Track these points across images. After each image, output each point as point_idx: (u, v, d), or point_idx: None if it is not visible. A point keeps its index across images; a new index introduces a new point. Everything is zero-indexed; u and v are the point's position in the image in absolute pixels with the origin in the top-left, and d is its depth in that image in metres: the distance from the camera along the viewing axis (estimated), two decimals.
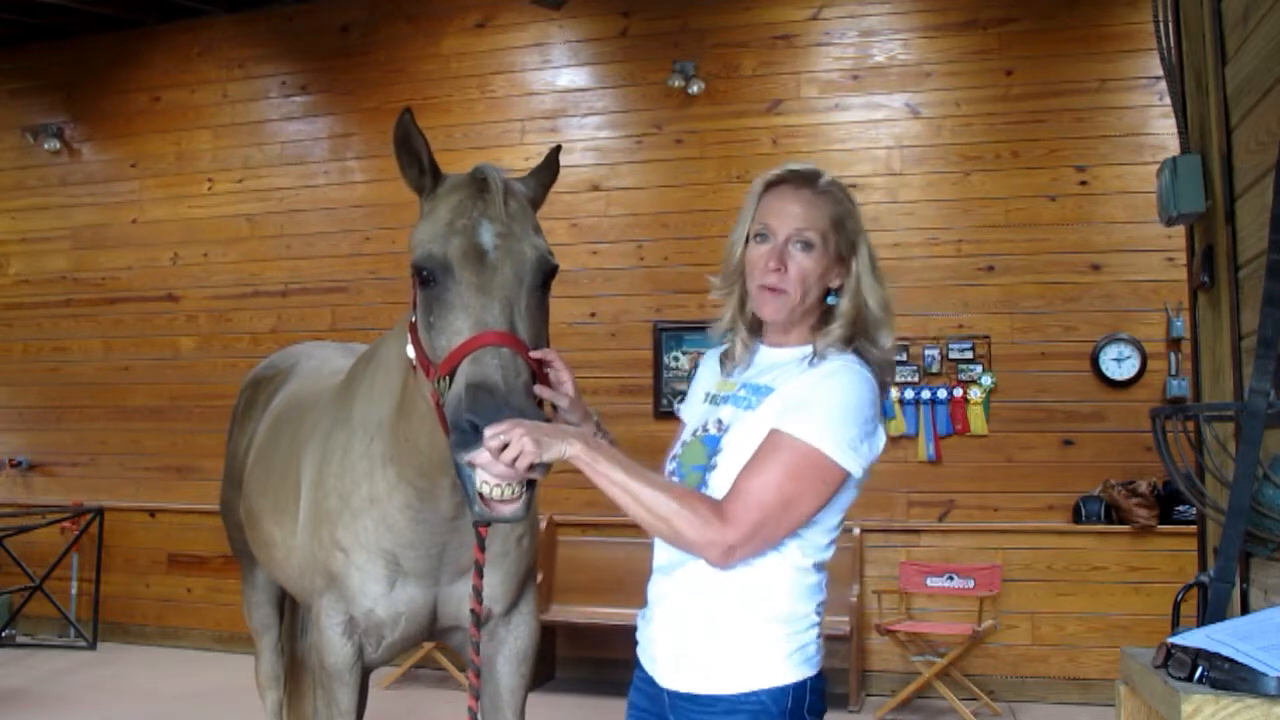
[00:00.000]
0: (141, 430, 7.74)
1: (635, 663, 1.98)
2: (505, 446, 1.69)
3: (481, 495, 1.82)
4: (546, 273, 2.07)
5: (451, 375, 1.90)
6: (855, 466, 1.74)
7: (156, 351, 7.76)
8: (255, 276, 7.58)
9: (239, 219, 7.66)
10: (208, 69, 7.87)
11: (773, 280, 1.81)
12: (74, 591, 7.50)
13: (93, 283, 7.98)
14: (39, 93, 8.23)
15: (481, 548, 2.09)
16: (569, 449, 1.71)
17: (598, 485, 1.74)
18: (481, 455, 1.76)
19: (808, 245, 1.81)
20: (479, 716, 2.18)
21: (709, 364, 2.04)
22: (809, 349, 1.84)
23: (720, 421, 1.88)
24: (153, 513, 7.58)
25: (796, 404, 1.76)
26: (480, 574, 2.10)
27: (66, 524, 7.42)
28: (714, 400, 1.94)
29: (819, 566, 1.83)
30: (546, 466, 1.75)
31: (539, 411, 1.86)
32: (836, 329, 1.83)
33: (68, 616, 7.42)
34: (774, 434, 1.75)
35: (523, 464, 1.69)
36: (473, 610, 2.11)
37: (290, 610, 3.93)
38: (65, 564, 7.41)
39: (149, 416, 7.72)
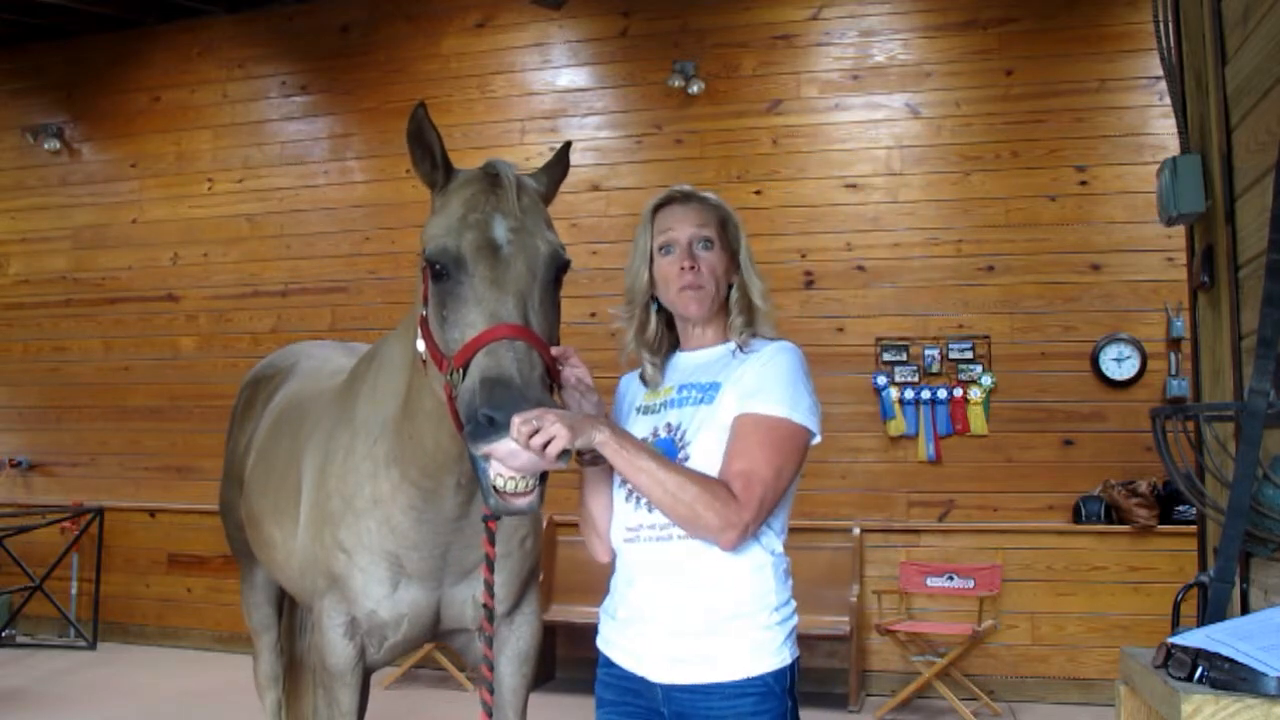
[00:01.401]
0: (141, 430, 7.74)
1: (600, 660, 2.02)
2: (535, 433, 1.72)
3: (496, 488, 1.84)
4: (559, 267, 2.08)
5: (465, 368, 1.90)
6: (816, 426, 1.93)
7: (156, 351, 7.76)
8: (255, 276, 7.58)
9: (239, 219, 7.66)
10: (208, 69, 7.87)
11: (689, 279, 1.97)
12: (74, 591, 7.50)
13: (93, 283, 7.98)
14: (39, 93, 8.23)
15: (491, 541, 2.10)
16: (599, 434, 1.79)
17: (622, 471, 1.84)
18: (500, 447, 1.77)
19: (708, 242, 2.00)
20: (491, 711, 2.19)
21: (630, 386, 2.15)
22: (732, 344, 2.00)
23: (670, 424, 1.97)
24: (153, 513, 7.58)
25: (753, 389, 1.90)
26: (491, 568, 2.11)
27: (66, 524, 7.42)
28: (649, 410, 2.03)
29: (785, 552, 1.96)
30: (569, 455, 1.78)
31: (555, 403, 1.87)
32: (738, 319, 2.00)
33: (68, 616, 7.42)
34: (744, 419, 1.88)
35: (554, 449, 1.72)
36: (485, 605, 2.12)
37: (289, 610, 3.92)
38: (65, 564, 7.42)
39: (149, 416, 7.72)
